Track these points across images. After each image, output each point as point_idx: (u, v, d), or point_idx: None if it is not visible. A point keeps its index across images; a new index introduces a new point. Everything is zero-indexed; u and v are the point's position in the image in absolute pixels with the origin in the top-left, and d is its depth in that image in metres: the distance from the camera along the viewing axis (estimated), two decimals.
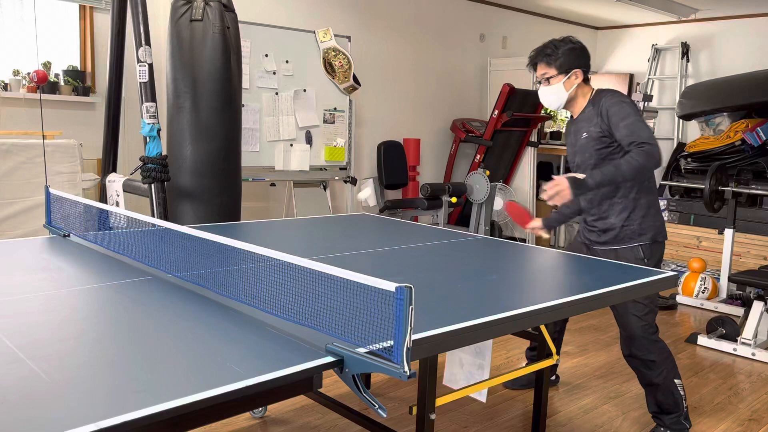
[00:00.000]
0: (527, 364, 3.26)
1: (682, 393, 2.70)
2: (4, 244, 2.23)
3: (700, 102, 6.25)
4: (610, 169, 2.42)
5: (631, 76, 7.94)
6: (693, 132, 7.30)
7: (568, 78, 2.64)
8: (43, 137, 3.69)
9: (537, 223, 2.95)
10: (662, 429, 2.74)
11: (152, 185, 3.24)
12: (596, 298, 1.84)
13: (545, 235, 2.85)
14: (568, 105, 2.70)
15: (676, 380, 2.68)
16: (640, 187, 2.62)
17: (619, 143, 2.54)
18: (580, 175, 2.44)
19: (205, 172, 3.46)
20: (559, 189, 2.40)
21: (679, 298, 5.01)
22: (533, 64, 2.75)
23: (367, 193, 2.82)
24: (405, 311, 1.18)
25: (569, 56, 2.64)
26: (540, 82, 2.73)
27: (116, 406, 1.03)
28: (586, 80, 2.66)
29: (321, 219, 3.08)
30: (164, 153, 3.37)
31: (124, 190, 3.54)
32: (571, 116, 2.78)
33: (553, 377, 3.35)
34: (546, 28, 7.56)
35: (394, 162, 5.72)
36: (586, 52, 2.67)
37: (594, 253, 2.76)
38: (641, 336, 2.62)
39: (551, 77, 2.66)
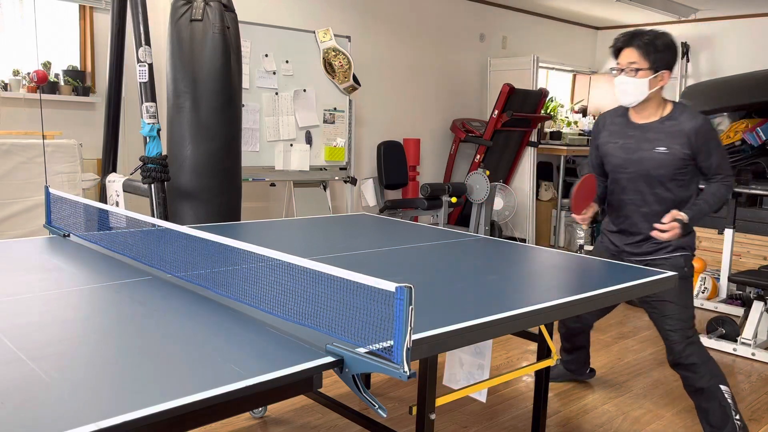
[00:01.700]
0: (562, 360, 3.28)
1: (729, 401, 2.57)
2: (4, 244, 2.23)
3: (700, 102, 6.25)
4: (704, 207, 2.47)
5: None
6: None
7: (655, 77, 2.45)
8: (43, 137, 3.69)
9: (590, 213, 2.67)
10: None
11: (152, 185, 3.24)
12: (596, 298, 1.84)
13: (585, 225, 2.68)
14: (639, 105, 2.52)
15: (722, 386, 2.58)
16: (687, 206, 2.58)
17: (699, 168, 2.51)
18: (683, 216, 2.45)
19: (205, 172, 3.46)
20: (672, 234, 2.46)
21: None
22: (620, 48, 2.50)
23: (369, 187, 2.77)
24: (405, 311, 1.18)
25: (665, 54, 2.44)
26: (620, 70, 2.49)
27: (116, 406, 1.03)
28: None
29: (321, 219, 3.08)
30: (164, 153, 3.37)
31: (124, 190, 3.54)
32: (627, 115, 2.62)
33: (589, 371, 3.34)
34: (546, 28, 7.56)
35: (394, 162, 5.72)
36: (677, 53, 2.49)
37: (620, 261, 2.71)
38: (678, 341, 2.58)
39: (641, 69, 2.44)
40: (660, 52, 2.43)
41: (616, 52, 2.53)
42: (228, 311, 1.56)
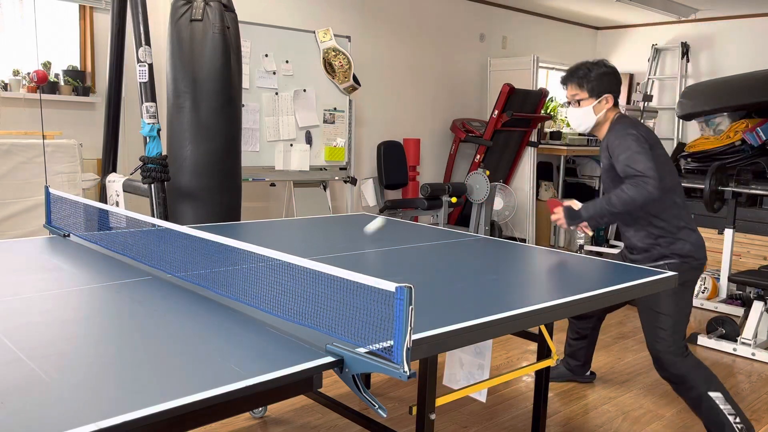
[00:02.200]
0: (564, 357, 3.28)
1: (722, 407, 2.54)
2: (4, 244, 2.23)
3: (700, 102, 6.25)
4: (601, 201, 2.53)
5: (631, 76, 7.94)
6: (693, 132, 7.31)
7: (599, 102, 2.64)
8: (43, 137, 3.69)
9: (559, 214, 2.70)
10: None
11: (152, 185, 3.24)
12: (596, 298, 1.84)
13: (565, 226, 2.70)
14: (595, 129, 2.71)
15: (711, 393, 2.55)
16: (656, 214, 2.60)
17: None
18: (576, 205, 2.59)
19: (205, 172, 3.46)
20: (556, 218, 2.65)
21: None
22: (564, 83, 2.73)
23: (377, 224, 2.78)
24: (405, 311, 1.18)
25: (601, 81, 2.63)
26: (569, 103, 2.73)
27: (116, 406, 1.03)
28: (615, 104, 2.66)
29: (321, 219, 3.08)
30: (164, 153, 3.37)
31: (124, 190, 3.54)
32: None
33: (589, 373, 3.36)
34: (546, 28, 7.56)
35: (394, 162, 5.72)
36: (618, 77, 2.68)
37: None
38: (664, 353, 2.59)
39: (581, 100, 2.66)
40: (594, 80, 2.63)
41: (564, 87, 2.74)
42: (228, 311, 1.56)
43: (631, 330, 4.28)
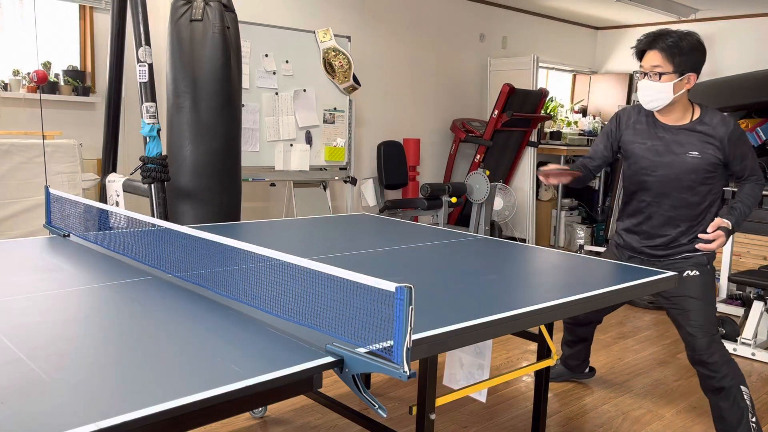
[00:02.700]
0: (562, 356, 3.28)
1: (748, 403, 2.51)
2: (4, 244, 2.23)
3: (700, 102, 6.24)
4: (744, 209, 2.48)
5: (631, 76, 7.94)
6: None
7: (680, 80, 2.35)
8: (43, 137, 3.69)
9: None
10: None
11: (152, 185, 3.24)
12: (596, 298, 1.84)
13: (549, 182, 2.54)
14: (665, 107, 2.43)
15: (742, 387, 2.51)
16: (709, 212, 2.57)
17: (732, 171, 2.50)
18: (727, 223, 2.45)
19: (205, 172, 3.46)
20: (720, 242, 2.45)
21: None
22: (643, 50, 2.39)
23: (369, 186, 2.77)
24: (405, 311, 1.18)
25: (691, 56, 2.32)
26: (644, 74, 2.40)
27: (116, 406, 1.03)
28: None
29: (321, 219, 3.08)
30: (164, 153, 3.37)
31: (124, 190, 3.54)
32: (652, 115, 2.53)
33: (588, 369, 3.34)
34: (546, 28, 7.56)
35: (394, 162, 5.72)
36: (705, 54, 2.37)
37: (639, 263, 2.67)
38: (701, 337, 2.51)
39: (664, 74, 2.34)
40: (685, 54, 2.32)
41: (639, 54, 2.43)
42: (228, 311, 1.56)
43: (631, 330, 4.28)
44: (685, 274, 2.56)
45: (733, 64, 7.10)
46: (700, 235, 2.48)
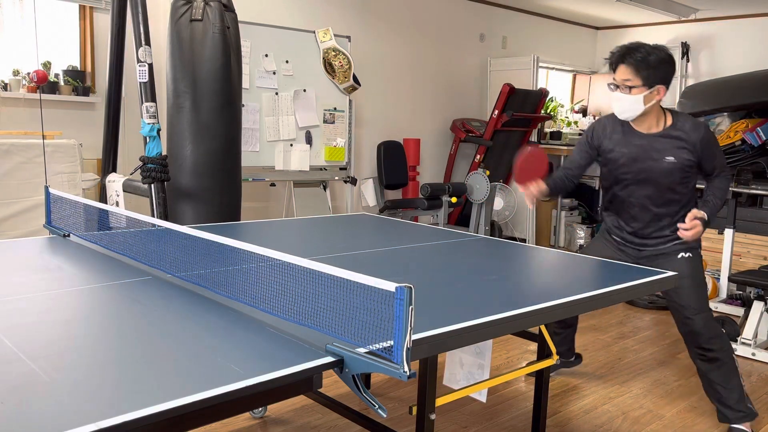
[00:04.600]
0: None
1: (739, 370, 2.75)
2: (4, 244, 2.23)
3: (700, 102, 6.25)
4: (716, 201, 2.59)
5: None
6: None
7: (651, 92, 2.46)
8: (43, 137, 3.69)
9: (534, 190, 2.61)
10: (734, 422, 2.73)
11: (152, 185, 3.24)
12: (596, 298, 1.84)
13: (530, 205, 2.66)
14: (637, 117, 2.56)
15: (735, 356, 2.75)
16: (689, 204, 2.70)
17: (703, 170, 2.63)
18: (703, 214, 2.55)
19: (205, 172, 3.46)
20: (697, 231, 2.54)
21: None
22: (615, 63, 2.50)
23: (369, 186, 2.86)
24: (405, 311, 1.18)
25: (659, 70, 2.43)
26: (616, 86, 2.51)
27: (116, 406, 1.03)
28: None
29: (321, 219, 3.08)
30: (164, 153, 3.37)
31: (124, 190, 3.54)
32: (627, 124, 2.63)
33: (573, 358, 3.41)
34: (546, 28, 7.56)
35: (394, 162, 5.72)
36: (675, 68, 2.49)
37: (633, 260, 2.82)
38: (702, 327, 2.66)
39: (634, 87, 2.45)
40: (653, 68, 2.42)
41: (612, 66, 2.54)
42: (228, 311, 1.56)
43: (631, 330, 4.28)
44: (679, 256, 2.71)
45: (733, 64, 7.10)
46: (680, 225, 2.61)
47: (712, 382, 2.75)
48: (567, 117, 7.89)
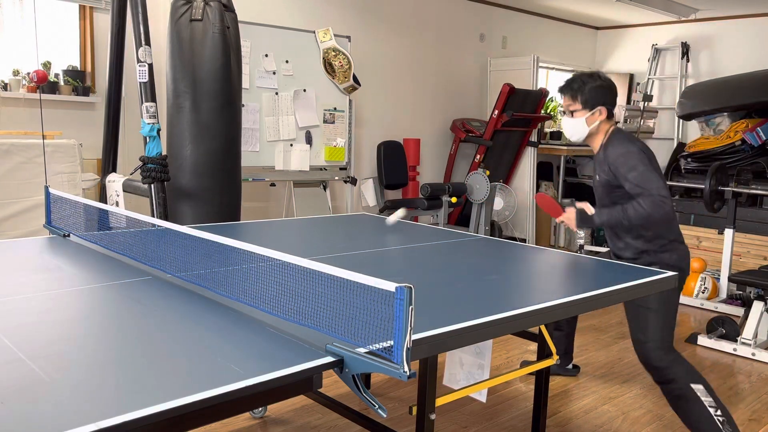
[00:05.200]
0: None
1: (704, 399, 2.57)
2: (4, 244, 2.23)
3: (700, 102, 6.25)
4: (618, 211, 2.57)
5: (631, 76, 7.94)
6: (693, 132, 7.31)
7: (592, 114, 2.69)
8: (43, 137, 3.69)
9: (570, 216, 2.76)
10: None
11: (152, 185, 3.24)
12: (596, 298, 1.84)
13: (574, 228, 2.83)
14: (588, 139, 2.77)
15: (692, 384, 2.58)
16: (651, 230, 2.66)
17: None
18: (590, 209, 2.66)
19: (205, 172, 3.46)
20: (567, 218, 2.71)
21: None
22: (561, 93, 2.79)
23: (398, 215, 2.97)
24: (405, 311, 1.18)
25: (596, 93, 2.68)
26: (565, 112, 2.79)
27: (116, 406, 1.03)
28: (609, 116, 2.72)
29: (321, 219, 3.08)
30: (164, 153, 3.37)
31: (124, 190, 3.54)
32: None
33: (570, 366, 3.42)
34: (546, 28, 7.56)
35: (394, 162, 5.72)
36: (613, 90, 2.73)
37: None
38: (650, 358, 2.60)
39: (575, 111, 2.72)
40: (588, 93, 2.67)
41: (562, 97, 2.80)
42: (228, 311, 1.56)
43: None
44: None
45: (733, 64, 7.10)
46: (567, 208, 2.74)
47: (683, 419, 2.64)
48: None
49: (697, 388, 2.59)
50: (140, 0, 3.27)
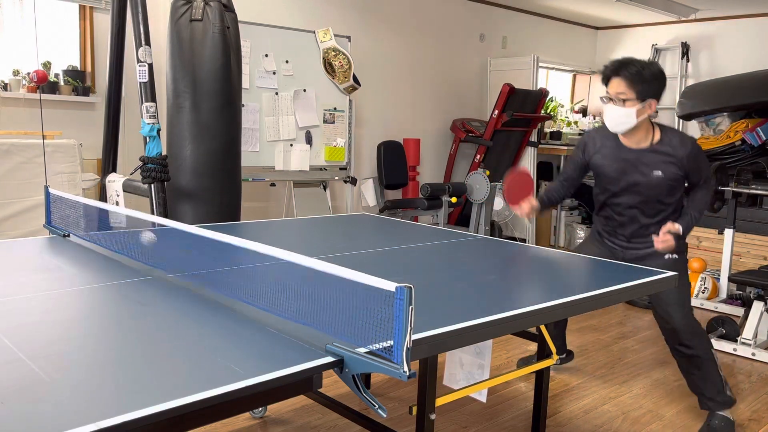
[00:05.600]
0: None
1: (721, 373, 2.80)
2: (4, 244, 2.23)
3: (700, 102, 6.25)
4: (694, 214, 2.65)
5: None
6: (693, 132, 7.31)
7: (643, 106, 2.50)
8: (43, 137, 3.69)
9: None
10: (714, 410, 2.79)
11: (152, 185, 3.24)
12: (596, 298, 1.84)
13: (528, 219, 2.88)
14: (628, 131, 2.59)
15: (713, 351, 2.78)
16: (676, 212, 2.76)
17: (689, 181, 2.69)
18: (675, 226, 2.60)
19: (205, 172, 3.46)
20: (669, 245, 2.60)
21: None
22: (608, 76, 2.54)
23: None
24: (405, 311, 1.18)
25: (652, 84, 2.48)
26: (610, 99, 2.54)
27: (116, 406, 1.03)
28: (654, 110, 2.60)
29: (321, 219, 3.08)
30: (164, 153, 3.37)
31: (124, 190, 3.54)
32: (617, 138, 2.67)
33: (564, 355, 3.45)
34: (546, 28, 7.56)
35: (394, 162, 5.72)
36: (665, 82, 2.53)
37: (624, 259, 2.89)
38: (694, 323, 2.72)
39: (627, 99, 2.49)
40: (646, 82, 2.47)
41: (605, 79, 2.57)
42: (228, 311, 1.56)
43: (631, 330, 4.28)
44: (666, 257, 2.75)
45: (733, 64, 7.10)
46: (654, 237, 2.67)
47: (693, 376, 2.80)
48: (567, 117, 7.89)
49: (716, 354, 2.81)
50: (140, 0, 3.27)
